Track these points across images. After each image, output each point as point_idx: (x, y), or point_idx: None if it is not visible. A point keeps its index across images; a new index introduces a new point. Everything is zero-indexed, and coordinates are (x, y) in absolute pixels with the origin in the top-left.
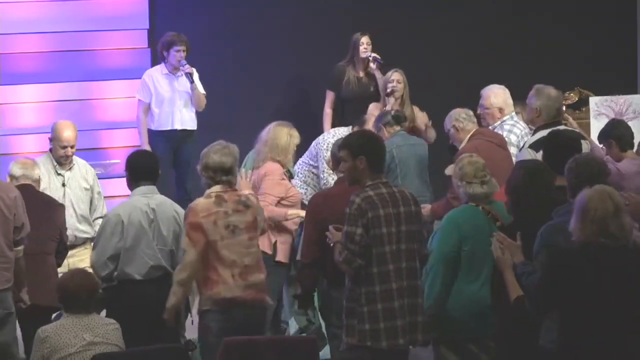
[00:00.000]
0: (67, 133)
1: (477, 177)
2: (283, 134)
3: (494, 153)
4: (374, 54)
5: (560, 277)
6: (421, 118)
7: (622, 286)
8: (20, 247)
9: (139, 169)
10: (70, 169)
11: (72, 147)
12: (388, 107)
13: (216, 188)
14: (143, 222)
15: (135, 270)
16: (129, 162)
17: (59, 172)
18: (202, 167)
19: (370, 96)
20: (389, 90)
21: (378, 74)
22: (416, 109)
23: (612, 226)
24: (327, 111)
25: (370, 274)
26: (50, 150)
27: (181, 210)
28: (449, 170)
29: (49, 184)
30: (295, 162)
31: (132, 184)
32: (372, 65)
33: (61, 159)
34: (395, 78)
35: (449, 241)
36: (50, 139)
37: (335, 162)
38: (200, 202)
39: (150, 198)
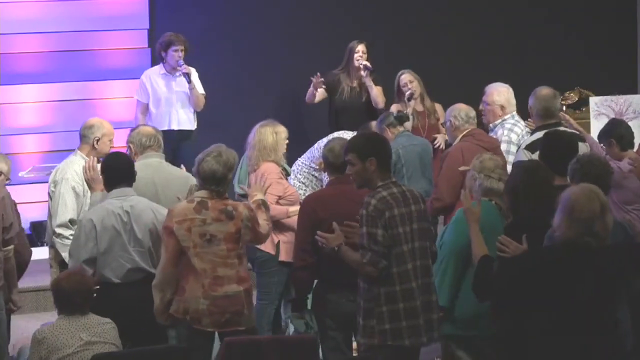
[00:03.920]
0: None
1: (496, 172)
2: (268, 134)
3: None
4: (364, 62)
5: (539, 274)
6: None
7: (601, 286)
8: (10, 247)
9: (114, 172)
10: None
11: None
12: (408, 110)
13: (202, 193)
14: (116, 226)
15: (112, 273)
16: (104, 165)
17: None
18: (195, 171)
19: (363, 106)
20: (408, 95)
21: (368, 82)
22: (438, 106)
23: (597, 226)
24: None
25: (389, 274)
26: (79, 147)
27: (161, 210)
28: (463, 167)
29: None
30: (293, 160)
31: (109, 186)
32: (363, 74)
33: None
34: (407, 79)
35: (461, 235)
36: (94, 137)
37: (327, 165)
38: (179, 206)
39: (124, 200)
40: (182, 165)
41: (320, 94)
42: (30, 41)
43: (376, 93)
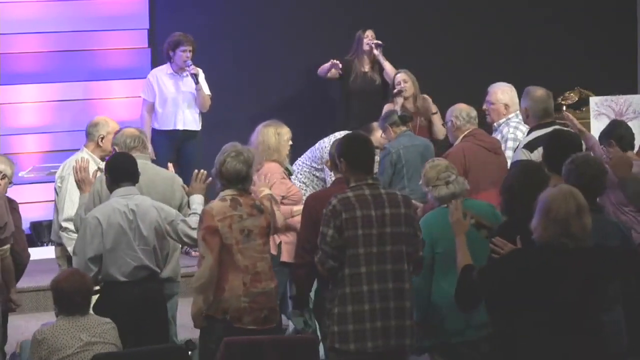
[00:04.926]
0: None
1: (440, 179)
2: (270, 134)
3: (481, 156)
4: (375, 41)
5: (517, 277)
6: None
7: (579, 287)
8: (6, 247)
9: (118, 171)
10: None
11: None
12: (396, 107)
13: (231, 191)
14: (122, 224)
15: (118, 271)
16: (108, 165)
17: (99, 167)
18: (217, 174)
19: (376, 90)
20: (395, 91)
21: (382, 59)
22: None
23: (573, 226)
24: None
25: (342, 276)
26: (85, 145)
27: (164, 208)
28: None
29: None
30: (294, 160)
31: (112, 185)
32: (376, 52)
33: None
34: (401, 79)
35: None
36: (99, 135)
37: (334, 165)
38: (215, 205)
39: (129, 199)
40: (169, 165)
41: (333, 73)
42: (30, 41)
43: (390, 68)
